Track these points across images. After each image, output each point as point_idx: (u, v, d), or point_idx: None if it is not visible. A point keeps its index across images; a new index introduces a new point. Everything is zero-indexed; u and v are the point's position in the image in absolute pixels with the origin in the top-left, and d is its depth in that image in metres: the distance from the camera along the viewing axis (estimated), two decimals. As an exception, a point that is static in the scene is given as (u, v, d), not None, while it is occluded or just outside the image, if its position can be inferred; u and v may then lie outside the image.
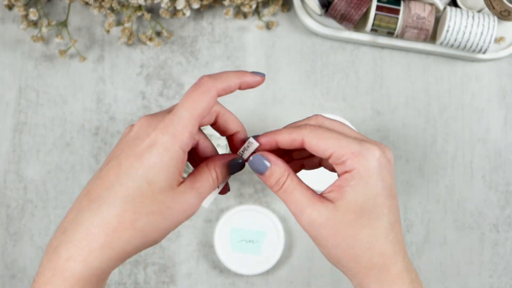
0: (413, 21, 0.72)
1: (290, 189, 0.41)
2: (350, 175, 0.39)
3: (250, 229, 0.72)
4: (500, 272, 0.75)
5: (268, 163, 0.41)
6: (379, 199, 0.39)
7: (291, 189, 0.40)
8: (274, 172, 0.41)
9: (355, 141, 0.39)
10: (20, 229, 0.75)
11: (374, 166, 0.39)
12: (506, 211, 0.76)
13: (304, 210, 0.40)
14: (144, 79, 0.77)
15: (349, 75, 0.77)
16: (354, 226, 0.39)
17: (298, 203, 0.40)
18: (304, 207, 0.40)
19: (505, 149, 0.76)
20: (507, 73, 0.77)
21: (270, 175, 0.41)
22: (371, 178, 0.39)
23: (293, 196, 0.40)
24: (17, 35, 0.77)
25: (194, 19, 0.77)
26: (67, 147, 0.76)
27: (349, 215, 0.39)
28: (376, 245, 0.39)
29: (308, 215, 0.39)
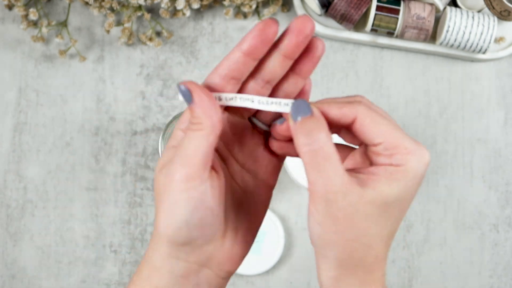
0: (413, 21, 0.72)
1: (324, 153, 0.34)
2: (393, 170, 0.34)
3: (250, 229, 0.72)
4: (500, 272, 0.75)
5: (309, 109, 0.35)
6: (405, 204, 0.36)
7: (325, 153, 0.34)
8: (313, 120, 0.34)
9: (408, 137, 0.35)
10: (20, 229, 0.75)
11: (421, 171, 0.35)
12: (506, 211, 0.76)
13: (335, 183, 0.33)
14: (144, 79, 0.77)
15: (349, 75, 0.77)
16: (369, 220, 0.35)
17: (330, 173, 0.34)
18: (333, 177, 0.34)
19: (505, 149, 0.76)
20: (507, 73, 0.77)
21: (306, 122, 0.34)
22: (412, 181, 0.35)
23: (325, 162, 0.34)
24: (17, 35, 0.77)
25: (194, 19, 0.77)
26: (67, 147, 0.76)
27: (371, 208, 0.34)
28: (376, 246, 0.36)
29: (334, 193, 0.34)
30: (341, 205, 0.34)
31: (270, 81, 0.37)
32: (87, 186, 0.75)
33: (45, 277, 0.74)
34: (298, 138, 0.34)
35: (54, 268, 0.74)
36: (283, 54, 0.36)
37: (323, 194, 0.34)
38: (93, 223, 0.75)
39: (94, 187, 0.75)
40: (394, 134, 0.35)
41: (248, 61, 0.36)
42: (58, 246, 0.75)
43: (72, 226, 0.75)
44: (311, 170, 0.34)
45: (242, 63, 0.36)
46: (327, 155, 0.34)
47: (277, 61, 0.36)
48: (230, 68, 0.36)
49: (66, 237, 0.75)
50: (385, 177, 0.34)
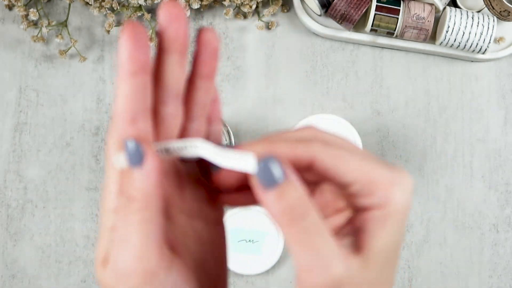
0: (413, 21, 0.72)
1: (314, 228, 0.27)
2: (381, 214, 0.28)
3: (250, 229, 0.72)
4: (500, 272, 0.75)
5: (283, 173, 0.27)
6: (400, 244, 0.30)
7: (317, 228, 0.27)
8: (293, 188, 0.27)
9: (382, 163, 0.29)
10: (20, 229, 0.75)
11: (409, 201, 0.29)
12: (505, 211, 0.76)
13: (331, 262, 0.27)
14: (144, 79, 0.77)
15: (349, 75, 0.77)
16: (380, 284, 0.29)
17: (324, 251, 0.27)
18: (331, 259, 0.27)
19: (505, 149, 0.76)
20: (507, 73, 0.77)
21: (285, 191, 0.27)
22: (404, 218, 0.29)
23: (318, 240, 0.27)
24: (17, 35, 0.77)
25: (194, 19, 0.77)
26: (67, 147, 0.76)
27: (374, 270, 0.28)
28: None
29: (337, 271, 0.27)
30: (349, 282, 0.27)
31: (179, 94, 0.29)
32: (87, 186, 0.75)
33: (45, 277, 0.74)
34: (279, 214, 0.27)
35: (54, 268, 0.74)
36: (166, 48, 0.29)
37: (334, 280, 0.27)
38: (93, 223, 0.75)
39: (94, 187, 0.75)
40: (365, 168, 0.28)
41: (142, 81, 0.27)
42: (58, 246, 0.75)
43: (72, 226, 0.75)
44: (304, 251, 0.27)
45: (139, 88, 0.27)
46: (319, 231, 0.27)
47: (170, 61, 0.29)
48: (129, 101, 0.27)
49: (66, 237, 0.75)
50: (377, 228, 0.28)
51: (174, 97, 0.29)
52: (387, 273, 0.29)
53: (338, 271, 0.27)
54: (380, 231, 0.28)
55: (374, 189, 0.28)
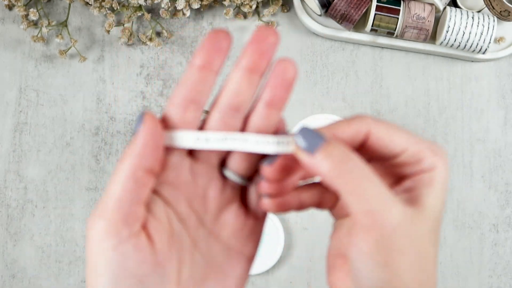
0: (413, 21, 0.72)
1: (365, 175, 0.29)
2: (430, 176, 0.31)
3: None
4: (500, 272, 0.75)
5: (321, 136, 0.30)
6: (443, 209, 0.32)
7: (366, 175, 0.29)
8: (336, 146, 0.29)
9: (425, 139, 0.32)
10: (20, 229, 0.75)
11: (447, 170, 0.32)
12: (505, 211, 0.76)
13: (389, 207, 0.29)
14: (144, 79, 0.77)
15: (349, 75, 0.77)
16: (428, 242, 0.30)
17: (379, 196, 0.29)
18: (389, 203, 0.29)
19: (505, 149, 0.76)
20: (507, 73, 0.77)
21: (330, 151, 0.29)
22: (446, 183, 0.31)
23: (370, 186, 0.29)
24: (17, 35, 0.77)
25: (194, 19, 0.77)
26: (67, 147, 0.76)
27: (426, 225, 0.30)
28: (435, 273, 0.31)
29: (395, 215, 0.29)
30: (407, 229, 0.29)
31: (238, 108, 0.31)
32: (87, 186, 0.75)
33: (45, 277, 0.74)
34: (328, 170, 0.29)
35: (54, 268, 0.74)
36: (245, 67, 0.31)
37: (395, 224, 0.29)
38: (93, 223, 0.75)
39: (94, 187, 0.75)
40: (413, 139, 0.31)
41: (205, 75, 0.30)
42: (58, 246, 0.75)
43: (72, 226, 0.75)
44: (359, 198, 0.29)
45: (199, 80, 0.30)
46: (371, 177, 0.29)
47: (240, 76, 0.31)
48: (187, 89, 0.30)
49: (66, 237, 0.75)
50: (426, 187, 0.31)
51: (231, 108, 0.31)
52: (435, 233, 0.31)
53: (397, 215, 0.29)
54: (430, 189, 0.30)
55: (422, 157, 0.31)
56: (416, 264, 0.30)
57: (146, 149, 0.29)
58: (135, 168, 0.29)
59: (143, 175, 0.29)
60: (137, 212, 0.29)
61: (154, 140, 0.29)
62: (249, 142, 0.31)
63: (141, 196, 0.29)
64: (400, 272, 0.29)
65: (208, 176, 0.32)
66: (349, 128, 0.31)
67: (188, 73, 0.30)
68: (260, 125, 0.32)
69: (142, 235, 0.29)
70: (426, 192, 0.31)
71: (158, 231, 0.30)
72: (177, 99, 0.30)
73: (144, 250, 0.29)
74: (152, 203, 0.30)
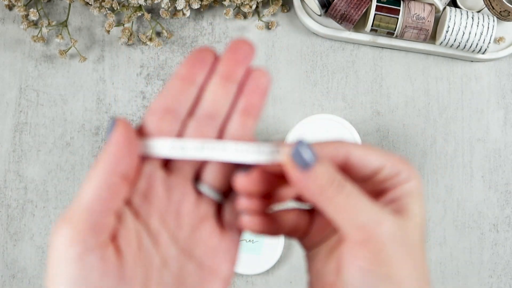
0: (413, 21, 0.72)
1: (354, 192, 0.30)
2: (409, 186, 0.32)
3: (250, 229, 0.72)
4: (500, 272, 0.75)
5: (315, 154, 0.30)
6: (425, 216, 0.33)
7: (355, 192, 0.30)
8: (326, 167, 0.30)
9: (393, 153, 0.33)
10: (20, 229, 0.75)
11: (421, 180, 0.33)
12: (505, 211, 0.76)
13: (382, 220, 0.29)
14: (144, 79, 0.77)
15: (349, 75, 0.77)
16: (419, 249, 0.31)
17: (370, 211, 0.30)
18: (381, 216, 0.30)
19: (505, 149, 0.76)
20: (507, 73, 0.77)
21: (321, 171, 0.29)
22: (422, 192, 0.33)
23: (360, 202, 0.30)
24: (17, 35, 0.77)
25: (194, 19, 0.77)
26: (68, 147, 0.76)
27: (414, 232, 0.31)
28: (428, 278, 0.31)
29: (389, 227, 0.29)
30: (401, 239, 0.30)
31: (214, 116, 0.31)
32: (87, 186, 0.75)
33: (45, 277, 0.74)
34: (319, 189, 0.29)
35: (54, 268, 0.74)
36: (220, 75, 0.31)
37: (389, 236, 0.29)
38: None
39: (94, 187, 0.75)
40: (388, 155, 0.32)
41: (186, 87, 0.31)
42: (58, 246, 0.75)
43: (72, 226, 0.75)
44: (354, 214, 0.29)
45: (179, 90, 0.31)
46: (358, 194, 0.30)
47: (215, 84, 0.31)
48: (166, 98, 0.31)
49: (66, 237, 0.75)
50: (409, 197, 0.32)
51: (206, 116, 0.31)
52: (423, 241, 0.31)
53: (390, 226, 0.29)
54: (413, 198, 0.31)
55: (399, 170, 0.32)
56: (414, 273, 0.30)
57: (121, 154, 0.28)
58: (109, 173, 0.28)
59: (117, 182, 0.28)
60: (107, 222, 0.28)
61: (129, 145, 0.29)
62: (228, 151, 0.30)
63: (113, 205, 0.28)
64: (402, 282, 0.29)
65: (182, 190, 0.31)
66: (328, 148, 0.31)
67: (169, 83, 0.31)
68: (236, 134, 0.31)
69: (109, 247, 0.28)
70: (410, 201, 0.31)
71: (127, 244, 0.28)
72: (155, 108, 0.30)
73: (110, 262, 0.27)
74: (123, 214, 0.29)
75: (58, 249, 0.27)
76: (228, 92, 0.31)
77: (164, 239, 0.30)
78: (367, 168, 0.32)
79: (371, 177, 0.32)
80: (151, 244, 0.30)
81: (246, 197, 0.31)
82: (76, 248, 0.27)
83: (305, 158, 0.29)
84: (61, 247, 0.27)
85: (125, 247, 0.28)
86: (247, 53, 0.31)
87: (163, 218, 0.30)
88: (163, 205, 0.30)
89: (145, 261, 0.29)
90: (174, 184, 0.31)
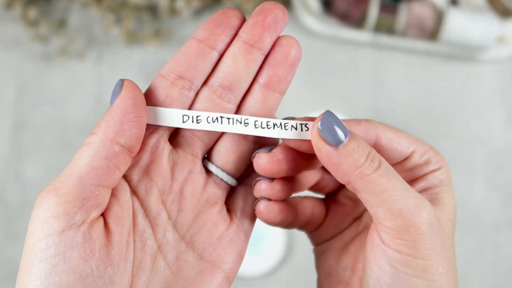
0: (414, 21, 0.72)
1: (392, 173, 0.26)
2: (440, 175, 0.30)
3: (250, 230, 0.72)
4: (501, 273, 0.75)
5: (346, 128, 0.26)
6: None
7: (393, 173, 0.26)
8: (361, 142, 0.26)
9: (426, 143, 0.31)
10: (20, 229, 0.75)
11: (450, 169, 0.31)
12: (507, 212, 0.76)
13: (423, 206, 0.26)
14: (143, 78, 0.76)
15: (349, 75, 0.77)
16: (451, 244, 0.28)
17: (410, 195, 0.26)
18: (422, 203, 0.26)
19: (506, 149, 0.76)
20: (508, 73, 0.77)
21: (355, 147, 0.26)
22: (451, 182, 0.31)
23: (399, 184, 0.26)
24: (16, 35, 0.77)
25: (193, 19, 0.77)
26: (67, 147, 0.75)
27: (450, 225, 0.28)
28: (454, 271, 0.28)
29: (429, 215, 0.26)
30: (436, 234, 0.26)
31: (231, 87, 0.27)
32: (86, 187, 0.75)
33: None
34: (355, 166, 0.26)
35: (54, 269, 0.74)
36: (244, 40, 0.27)
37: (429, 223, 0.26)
38: (92, 223, 0.75)
39: (93, 188, 0.75)
40: (417, 140, 0.30)
41: (203, 51, 0.26)
42: (57, 246, 0.75)
43: (72, 227, 0.75)
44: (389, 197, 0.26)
45: (196, 54, 0.26)
46: (396, 176, 0.26)
47: (237, 51, 0.27)
48: (178, 61, 0.26)
49: (66, 238, 0.75)
50: (440, 186, 0.29)
51: (223, 86, 0.27)
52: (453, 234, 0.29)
53: (429, 213, 0.26)
54: (444, 188, 0.29)
55: (429, 158, 0.29)
56: (448, 270, 0.26)
57: (126, 119, 0.25)
58: (110, 141, 0.25)
59: (117, 152, 0.25)
60: (99, 196, 0.24)
61: (136, 111, 0.25)
62: (249, 125, 0.26)
63: (110, 178, 0.24)
64: (436, 279, 0.26)
65: (189, 168, 0.27)
66: (359, 127, 0.28)
67: (185, 46, 0.27)
68: (255, 110, 0.28)
69: (98, 225, 0.24)
70: (441, 191, 0.29)
71: (119, 223, 0.25)
72: (167, 71, 0.27)
73: (96, 242, 0.24)
74: (118, 190, 0.25)
75: (37, 221, 0.23)
76: (251, 61, 0.27)
77: (162, 221, 0.26)
78: (397, 152, 0.29)
79: (401, 162, 0.30)
80: (146, 226, 0.26)
81: (266, 180, 0.28)
82: (59, 221, 0.23)
83: (337, 132, 0.25)
84: (41, 219, 0.23)
85: (115, 227, 0.24)
86: (278, 18, 0.27)
87: (164, 197, 0.27)
88: (165, 183, 0.27)
89: (138, 245, 0.25)
90: (180, 160, 0.27)
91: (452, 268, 0.27)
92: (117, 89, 0.26)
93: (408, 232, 0.25)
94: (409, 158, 0.29)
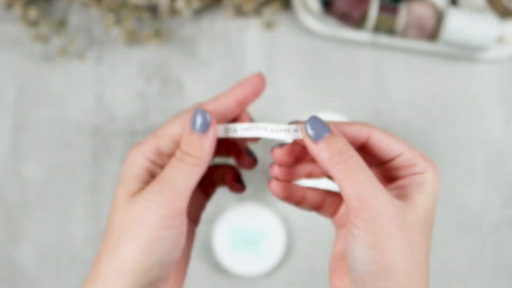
0: (414, 21, 0.72)
1: (358, 166, 0.33)
2: (421, 178, 0.34)
3: (250, 229, 0.72)
4: (501, 273, 0.75)
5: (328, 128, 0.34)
6: (433, 215, 0.34)
7: (360, 166, 0.33)
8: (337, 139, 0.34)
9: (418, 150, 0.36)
10: (20, 229, 0.75)
11: (439, 180, 0.35)
12: (507, 212, 0.76)
13: (377, 193, 0.32)
14: (143, 79, 0.76)
15: (349, 75, 0.77)
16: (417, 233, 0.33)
17: (369, 184, 0.32)
18: (377, 190, 0.32)
19: (506, 149, 0.76)
20: (508, 73, 0.77)
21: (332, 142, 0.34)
22: (436, 187, 0.35)
23: (362, 175, 0.33)
24: (16, 35, 0.77)
25: (194, 19, 0.77)
26: (67, 147, 0.75)
27: (415, 218, 0.33)
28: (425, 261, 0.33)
29: (382, 201, 0.32)
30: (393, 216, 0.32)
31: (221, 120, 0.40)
32: (86, 187, 0.75)
33: (45, 277, 0.74)
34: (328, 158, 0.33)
35: (54, 268, 0.74)
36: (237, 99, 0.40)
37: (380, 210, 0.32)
38: (93, 223, 0.75)
39: (93, 188, 0.75)
40: (408, 145, 0.35)
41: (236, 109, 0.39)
42: (58, 246, 0.75)
43: (72, 226, 0.75)
44: (353, 186, 0.33)
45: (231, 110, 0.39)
46: (364, 168, 0.33)
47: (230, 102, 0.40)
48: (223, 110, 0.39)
49: (66, 237, 0.75)
50: (417, 187, 0.34)
51: None
52: (426, 229, 0.33)
53: (384, 201, 0.32)
54: (420, 188, 0.34)
55: (416, 162, 0.35)
56: (404, 249, 0.32)
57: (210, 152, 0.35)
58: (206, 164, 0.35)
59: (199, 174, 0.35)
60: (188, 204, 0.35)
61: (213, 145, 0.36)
62: (268, 130, 0.36)
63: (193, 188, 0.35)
64: (388, 254, 0.32)
65: None
66: (352, 128, 0.35)
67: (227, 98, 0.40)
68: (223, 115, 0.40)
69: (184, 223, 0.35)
70: (416, 190, 0.34)
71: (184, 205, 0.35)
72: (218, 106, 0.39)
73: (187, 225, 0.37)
74: None
75: None
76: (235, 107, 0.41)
77: None
78: (385, 152, 0.35)
79: (387, 162, 0.35)
80: None
81: (275, 165, 0.38)
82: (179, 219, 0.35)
83: (315, 130, 0.34)
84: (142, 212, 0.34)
85: None
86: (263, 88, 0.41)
87: None
88: None
89: None
90: None
91: (412, 252, 0.32)
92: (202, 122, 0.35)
93: (362, 212, 0.32)
94: (396, 159, 0.35)
